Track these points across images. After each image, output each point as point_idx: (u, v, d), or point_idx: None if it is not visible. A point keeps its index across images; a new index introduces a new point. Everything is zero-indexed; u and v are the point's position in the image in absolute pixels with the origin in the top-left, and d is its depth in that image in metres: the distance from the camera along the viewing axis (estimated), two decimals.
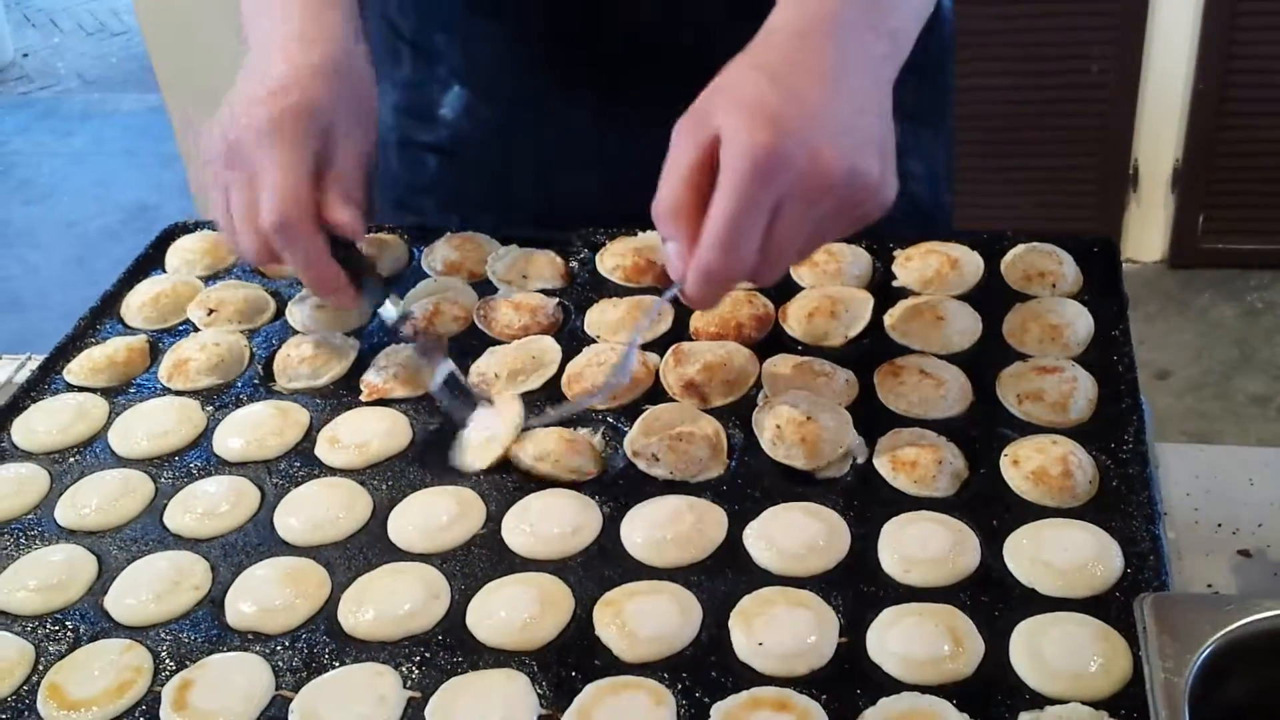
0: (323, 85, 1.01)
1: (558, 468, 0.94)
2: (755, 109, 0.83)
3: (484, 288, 1.17)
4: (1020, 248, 1.13)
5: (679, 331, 1.09)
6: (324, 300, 1.11)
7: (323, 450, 1.00)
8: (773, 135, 0.82)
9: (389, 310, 1.06)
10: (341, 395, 1.06)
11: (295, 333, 1.13)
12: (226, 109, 1.01)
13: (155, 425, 1.03)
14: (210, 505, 0.95)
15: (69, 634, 0.86)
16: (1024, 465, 0.90)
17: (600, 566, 0.87)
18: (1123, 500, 0.88)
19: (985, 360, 1.02)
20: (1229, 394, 3.23)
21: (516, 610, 0.83)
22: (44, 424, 1.05)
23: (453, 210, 1.32)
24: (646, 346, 1.07)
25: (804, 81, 0.85)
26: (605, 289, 1.15)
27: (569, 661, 0.80)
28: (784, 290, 1.12)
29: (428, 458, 0.98)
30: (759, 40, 0.89)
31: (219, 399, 1.06)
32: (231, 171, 1.00)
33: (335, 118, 1.02)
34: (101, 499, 0.96)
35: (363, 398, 1.04)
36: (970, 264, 1.12)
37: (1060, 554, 0.83)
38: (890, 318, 1.07)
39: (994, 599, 0.82)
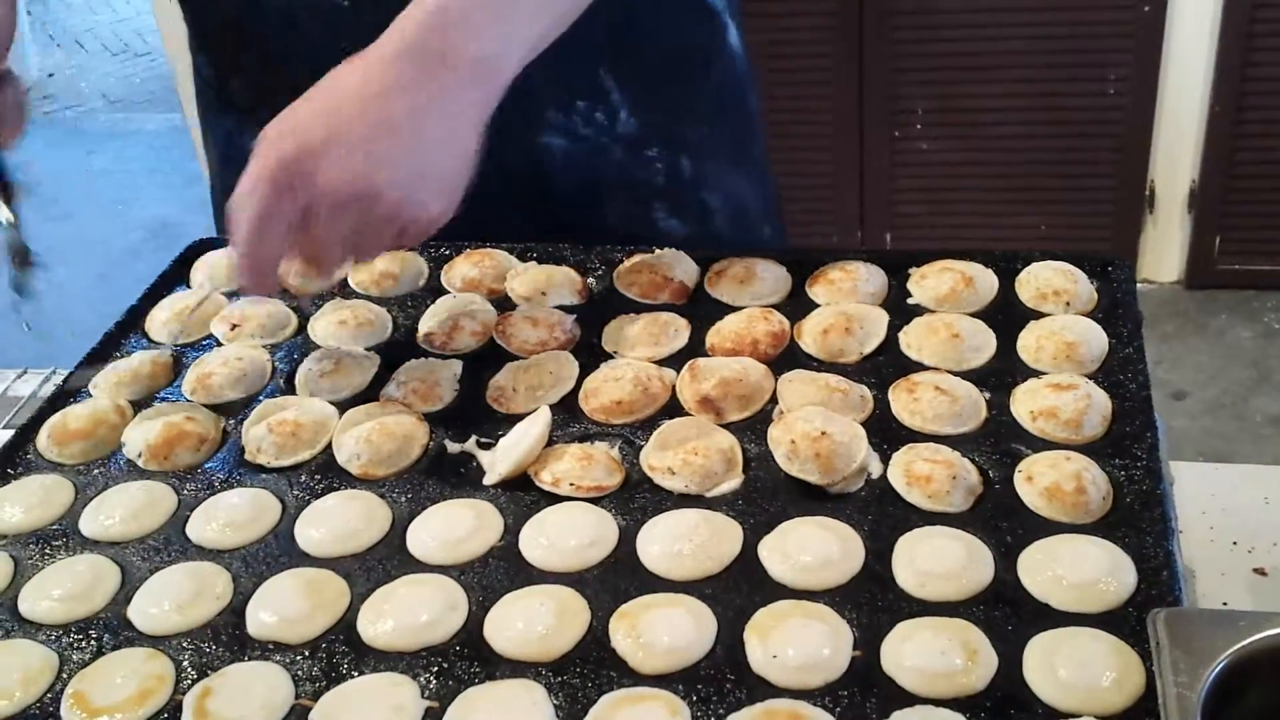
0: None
1: (576, 489, 0.95)
2: (287, 126, 0.93)
3: (503, 304, 1.18)
4: (1035, 266, 1.14)
5: (695, 348, 1.10)
6: None
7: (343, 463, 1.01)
8: (291, 150, 0.92)
9: None
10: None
11: (317, 347, 1.15)
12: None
13: None
14: (232, 517, 0.96)
15: (92, 642, 0.87)
16: (1038, 481, 0.91)
17: (616, 579, 0.88)
18: (1136, 516, 0.88)
19: (999, 377, 1.03)
20: (1246, 415, 3.22)
21: (533, 621, 0.83)
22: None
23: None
24: (663, 363, 1.08)
25: (340, 103, 0.94)
26: (622, 305, 1.16)
27: (585, 673, 0.81)
28: (799, 307, 1.13)
29: (445, 470, 0.99)
30: (337, 69, 0.97)
31: (241, 413, 1.07)
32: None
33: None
34: (125, 510, 0.97)
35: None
36: (985, 282, 1.13)
37: (1074, 569, 0.84)
38: (905, 335, 1.08)
39: (1008, 613, 0.82)
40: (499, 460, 0.98)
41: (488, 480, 0.97)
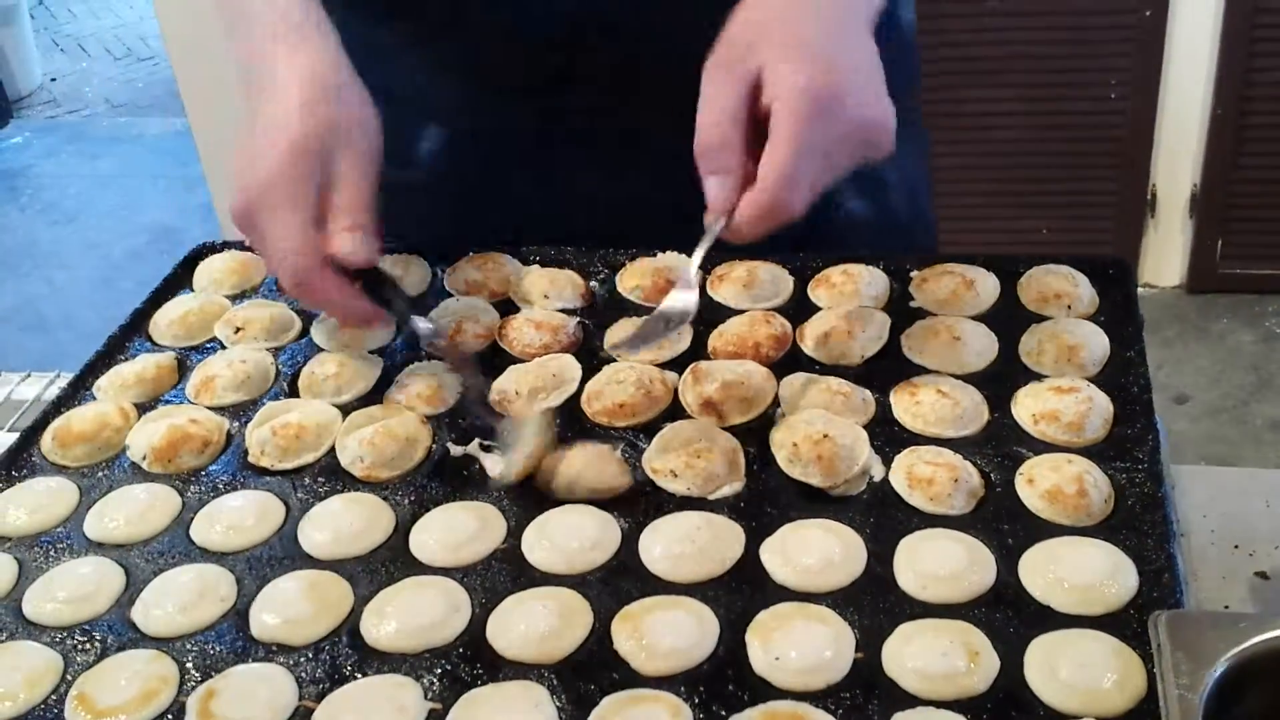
0: (325, 108, 1.01)
1: (593, 493, 0.95)
2: (801, 48, 0.87)
3: (505, 307, 1.18)
4: (1036, 269, 1.14)
5: (697, 350, 1.10)
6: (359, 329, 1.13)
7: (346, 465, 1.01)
8: (826, 76, 0.86)
9: (422, 326, 1.07)
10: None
11: (320, 350, 1.15)
12: (238, 158, 1.03)
13: None
14: (236, 519, 0.96)
15: (97, 644, 0.87)
16: (1039, 484, 0.91)
17: (619, 581, 0.88)
18: (1138, 519, 0.88)
19: (1001, 380, 1.03)
20: (1247, 419, 3.22)
21: (536, 623, 0.84)
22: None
23: (430, 248, 1.31)
24: (666, 366, 1.08)
25: (834, 24, 0.90)
26: (625, 308, 1.17)
27: (587, 674, 0.81)
28: (801, 310, 1.13)
29: (448, 472, 0.99)
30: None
31: (245, 415, 1.08)
32: (250, 233, 1.03)
33: (338, 140, 1.02)
34: (129, 512, 0.98)
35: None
36: (986, 285, 1.13)
37: (1075, 572, 0.84)
38: (907, 338, 1.08)
39: (1009, 615, 0.82)
40: (508, 464, 0.98)
41: (494, 483, 0.97)
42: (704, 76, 0.92)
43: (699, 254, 0.97)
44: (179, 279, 1.28)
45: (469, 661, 0.83)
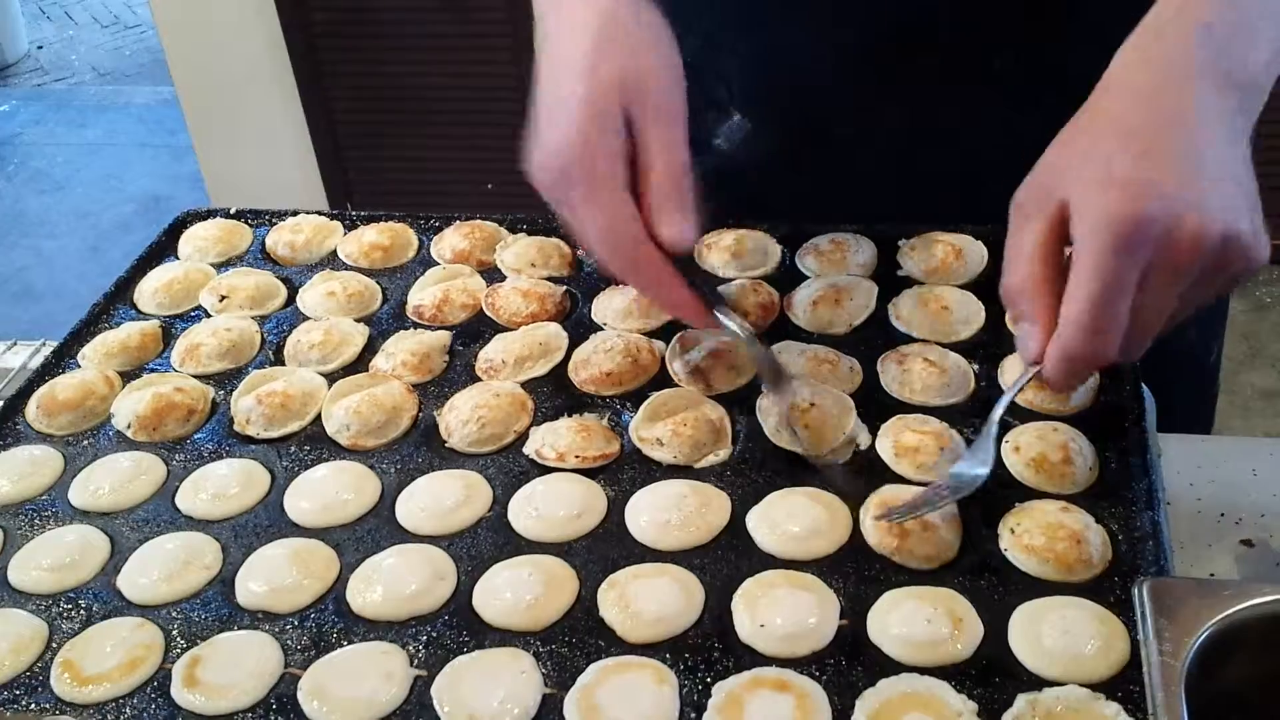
0: (621, 53, 0.90)
1: (582, 461, 0.95)
2: (1106, 176, 0.79)
3: (492, 275, 1.18)
4: None
5: None
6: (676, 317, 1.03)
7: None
8: (1132, 204, 0.77)
9: (730, 323, 0.94)
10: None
11: (306, 318, 1.14)
12: (536, 109, 0.93)
13: None
14: (221, 487, 0.96)
15: (82, 612, 0.87)
16: (1025, 452, 0.91)
17: (605, 549, 0.88)
18: (1123, 486, 0.88)
19: (988, 349, 1.03)
20: (1237, 389, 3.23)
21: (522, 591, 0.84)
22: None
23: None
24: (653, 334, 1.08)
25: (1158, 142, 0.80)
26: (612, 276, 1.16)
27: (573, 642, 0.81)
28: (789, 279, 1.13)
29: (433, 441, 0.99)
30: (1097, 100, 0.85)
31: (230, 384, 1.07)
32: (558, 202, 0.93)
33: (640, 91, 0.89)
34: (114, 480, 0.98)
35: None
36: (974, 254, 1.13)
37: (1060, 539, 0.84)
38: (895, 306, 1.08)
39: (993, 582, 0.82)
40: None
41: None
42: (1010, 216, 0.86)
43: (1000, 410, 0.89)
44: (164, 246, 1.27)
45: (455, 629, 0.83)
